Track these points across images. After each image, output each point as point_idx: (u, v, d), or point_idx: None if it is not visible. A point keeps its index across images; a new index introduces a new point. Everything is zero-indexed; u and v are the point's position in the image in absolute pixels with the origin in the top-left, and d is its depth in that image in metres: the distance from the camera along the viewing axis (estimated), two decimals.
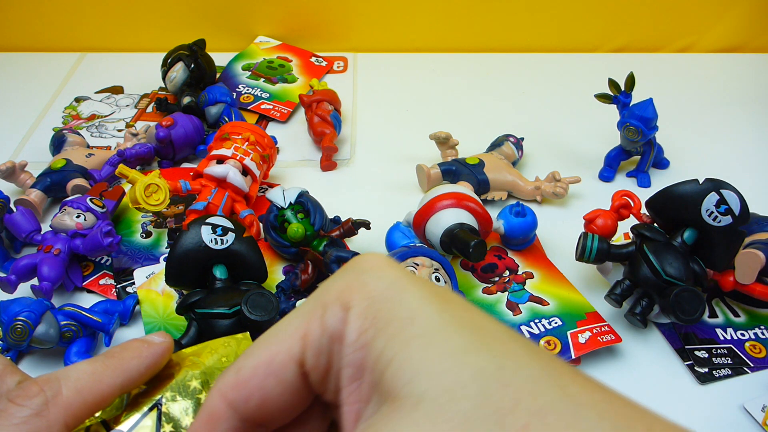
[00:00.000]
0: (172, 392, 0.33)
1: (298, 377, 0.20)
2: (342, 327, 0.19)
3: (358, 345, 0.19)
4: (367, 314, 0.19)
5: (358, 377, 0.19)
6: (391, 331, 0.18)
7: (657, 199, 0.48)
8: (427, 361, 0.17)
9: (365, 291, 0.19)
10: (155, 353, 0.31)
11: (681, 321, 0.45)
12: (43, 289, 0.48)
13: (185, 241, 0.46)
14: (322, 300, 0.20)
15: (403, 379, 0.17)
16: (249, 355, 0.21)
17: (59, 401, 0.27)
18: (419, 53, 0.85)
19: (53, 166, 0.60)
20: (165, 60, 0.71)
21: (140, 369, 0.30)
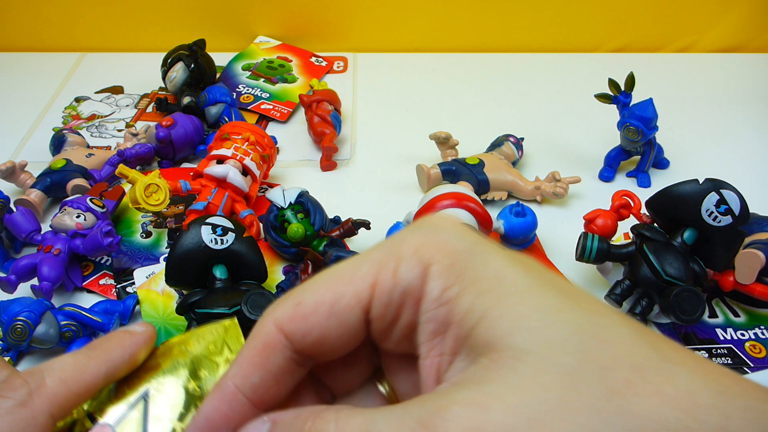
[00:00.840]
0: (158, 382, 0.33)
1: (361, 322, 0.20)
2: (420, 283, 0.19)
3: (443, 301, 0.19)
4: (451, 272, 0.19)
5: (440, 332, 0.19)
6: (480, 288, 0.18)
7: (657, 199, 0.48)
8: (523, 317, 0.17)
9: (447, 249, 0.19)
10: (138, 342, 0.31)
11: (681, 321, 0.45)
12: (43, 289, 0.48)
13: (185, 241, 0.46)
14: (396, 252, 0.20)
15: (501, 333, 0.17)
16: (310, 290, 0.21)
17: (43, 392, 0.27)
18: (419, 53, 0.85)
19: (53, 166, 0.60)
20: (165, 60, 0.71)
21: (124, 358, 0.30)
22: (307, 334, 0.20)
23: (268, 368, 0.20)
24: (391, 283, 0.19)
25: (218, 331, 0.38)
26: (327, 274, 0.21)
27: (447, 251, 0.19)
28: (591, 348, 0.17)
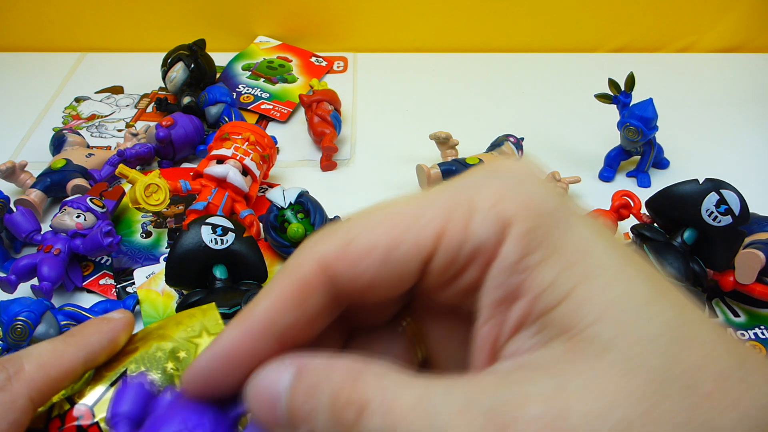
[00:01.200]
0: (137, 364, 0.33)
1: (416, 274, 0.18)
2: (495, 243, 0.17)
3: (519, 268, 0.17)
4: (534, 236, 0.17)
5: (508, 301, 0.17)
6: (565, 262, 0.16)
7: (657, 199, 0.48)
8: (612, 305, 0.16)
9: (531, 208, 0.17)
10: (115, 328, 0.31)
11: None
12: (43, 289, 0.48)
13: (185, 241, 0.46)
14: (469, 201, 0.17)
15: (585, 319, 0.16)
16: (363, 228, 0.18)
17: (22, 376, 0.27)
18: (419, 53, 0.85)
19: (53, 166, 0.60)
20: (165, 60, 0.71)
21: (102, 343, 0.30)
22: (354, 279, 0.18)
23: (304, 310, 0.18)
24: (461, 236, 0.17)
25: (196, 315, 0.38)
26: (383, 211, 0.18)
27: (531, 210, 0.17)
28: (679, 351, 0.15)
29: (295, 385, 0.17)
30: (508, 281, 0.17)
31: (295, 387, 0.17)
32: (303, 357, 0.17)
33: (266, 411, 0.17)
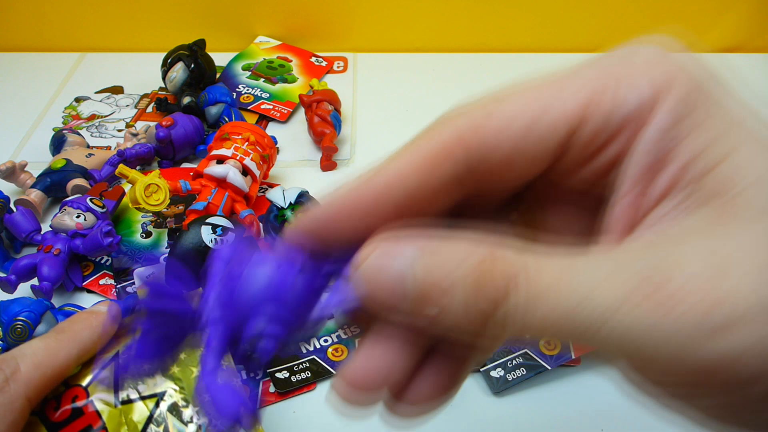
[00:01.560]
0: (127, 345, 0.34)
1: (557, 148, 0.17)
2: (647, 109, 0.16)
3: (671, 134, 0.16)
4: (687, 102, 0.16)
5: (656, 169, 0.16)
6: (719, 129, 0.16)
7: None
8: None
9: (684, 74, 0.16)
10: (104, 322, 0.32)
11: None
12: (43, 289, 0.48)
13: (185, 241, 0.46)
14: (618, 69, 0.17)
15: (740, 184, 0.15)
16: (505, 99, 0.18)
17: (18, 377, 0.28)
18: (419, 53, 0.85)
19: (53, 166, 0.60)
20: (165, 60, 0.71)
21: (92, 338, 0.31)
22: (492, 152, 0.17)
23: (432, 178, 0.17)
24: (611, 104, 0.16)
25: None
26: (524, 86, 0.18)
27: (684, 77, 0.16)
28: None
29: (426, 261, 0.16)
30: (658, 147, 0.16)
31: (426, 264, 0.16)
32: (422, 234, 0.16)
33: (386, 288, 0.16)
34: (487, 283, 0.15)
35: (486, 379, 0.45)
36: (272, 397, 0.45)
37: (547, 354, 0.46)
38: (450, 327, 0.16)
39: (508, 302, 0.15)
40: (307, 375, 0.46)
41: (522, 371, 0.45)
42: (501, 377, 0.45)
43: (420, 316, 0.16)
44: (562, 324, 0.15)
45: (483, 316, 0.15)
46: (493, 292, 0.15)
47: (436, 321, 0.16)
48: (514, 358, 0.46)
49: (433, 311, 0.16)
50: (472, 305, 0.15)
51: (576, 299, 0.15)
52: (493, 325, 0.16)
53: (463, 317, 0.16)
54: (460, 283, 0.15)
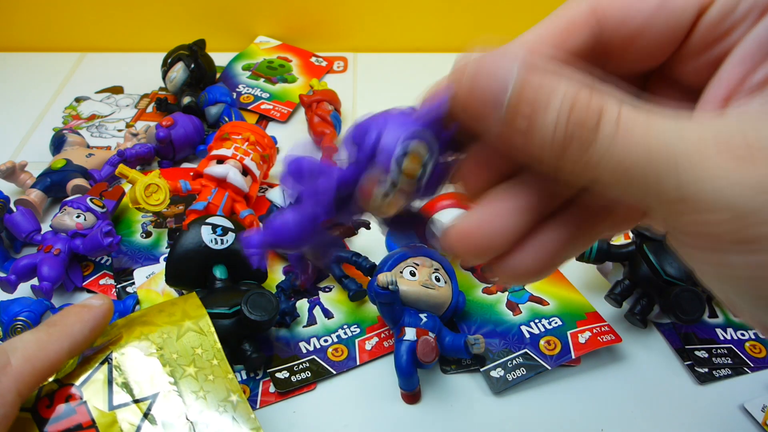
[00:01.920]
0: (121, 348, 0.34)
1: (687, 25, 0.18)
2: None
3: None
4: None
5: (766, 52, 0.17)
6: None
7: None
8: None
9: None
10: (96, 316, 0.31)
11: (681, 321, 0.45)
12: (43, 289, 0.48)
13: (185, 241, 0.46)
14: None
15: None
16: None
17: (9, 371, 0.27)
18: (419, 53, 0.85)
19: (53, 166, 0.60)
20: (165, 60, 0.71)
21: (84, 332, 0.30)
22: (623, 24, 0.18)
23: (564, 47, 0.18)
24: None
25: (177, 302, 0.39)
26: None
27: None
28: None
29: (529, 76, 0.16)
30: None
31: (528, 78, 0.16)
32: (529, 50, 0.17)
33: (486, 90, 0.17)
34: (582, 108, 0.16)
35: (486, 379, 0.45)
36: (272, 397, 0.45)
37: (547, 354, 0.46)
38: (536, 145, 0.17)
39: (598, 129, 0.16)
40: (307, 375, 0.46)
41: (522, 371, 0.45)
42: (501, 377, 0.45)
43: (510, 128, 0.17)
44: (646, 161, 0.15)
45: (569, 138, 0.16)
46: (585, 116, 0.16)
47: (524, 136, 0.17)
48: (514, 358, 0.46)
49: (523, 124, 0.16)
50: (561, 125, 0.16)
51: (667, 139, 0.15)
52: (578, 149, 0.16)
53: (549, 135, 0.16)
54: (555, 102, 0.16)
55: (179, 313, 0.38)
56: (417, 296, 0.44)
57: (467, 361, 0.46)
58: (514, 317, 0.49)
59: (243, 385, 0.45)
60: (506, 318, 0.49)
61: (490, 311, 0.50)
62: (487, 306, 0.50)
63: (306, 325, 0.49)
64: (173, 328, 0.37)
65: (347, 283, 0.50)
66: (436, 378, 0.46)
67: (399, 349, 0.43)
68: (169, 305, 0.39)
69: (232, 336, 0.44)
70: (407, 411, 0.44)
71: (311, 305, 0.51)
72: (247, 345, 0.45)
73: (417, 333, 0.43)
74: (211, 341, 0.37)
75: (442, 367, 0.46)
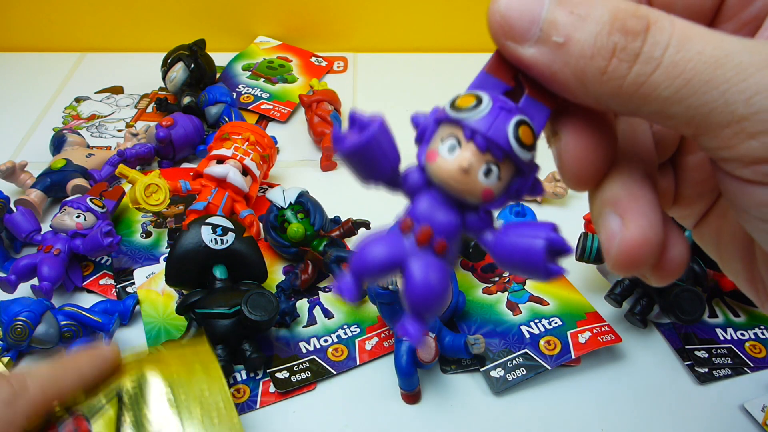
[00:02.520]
0: (132, 384, 0.36)
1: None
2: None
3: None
4: None
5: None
6: None
7: None
8: None
9: None
10: (105, 359, 0.35)
11: (681, 321, 0.45)
12: (43, 289, 0.48)
13: (185, 241, 0.46)
14: None
15: None
16: None
17: (26, 396, 0.30)
18: (419, 53, 0.85)
19: (53, 166, 0.60)
20: (165, 60, 0.71)
21: (93, 374, 0.34)
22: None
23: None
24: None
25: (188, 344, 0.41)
26: None
27: None
28: None
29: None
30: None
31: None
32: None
33: (520, 14, 0.17)
34: (626, 15, 0.15)
35: (486, 379, 0.45)
36: (272, 397, 0.45)
37: (547, 354, 0.46)
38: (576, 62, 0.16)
39: (647, 37, 0.15)
40: (307, 375, 0.46)
41: (522, 371, 0.45)
42: (501, 377, 0.45)
43: (544, 45, 0.16)
44: (711, 69, 0.15)
45: (612, 47, 0.15)
46: (635, 25, 0.15)
47: (564, 53, 0.16)
48: (514, 358, 0.46)
49: (559, 39, 0.16)
50: (603, 33, 0.15)
51: (733, 50, 0.15)
52: (625, 60, 0.15)
53: (590, 47, 0.16)
54: (595, 11, 0.16)
55: (190, 354, 0.40)
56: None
57: (467, 361, 0.46)
58: (514, 317, 0.49)
59: (243, 385, 0.45)
60: (506, 318, 0.49)
61: (490, 311, 0.50)
62: (487, 306, 0.50)
63: (306, 325, 0.49)
64: (183, 369, 0.38)
65: None
66: (436, 378, 0.46)
67: (399, 349, 0.43)
68: (181, 347, 0.41)
69: (232, 336, 0.44)
70: (407, 411, 0.44)
71: (311, 305, 0.51)
72: (247, 345, 0.45)
73: None
74: (219, 385, 0.38)
75: (442, 367, 0.47)
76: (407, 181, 0.21)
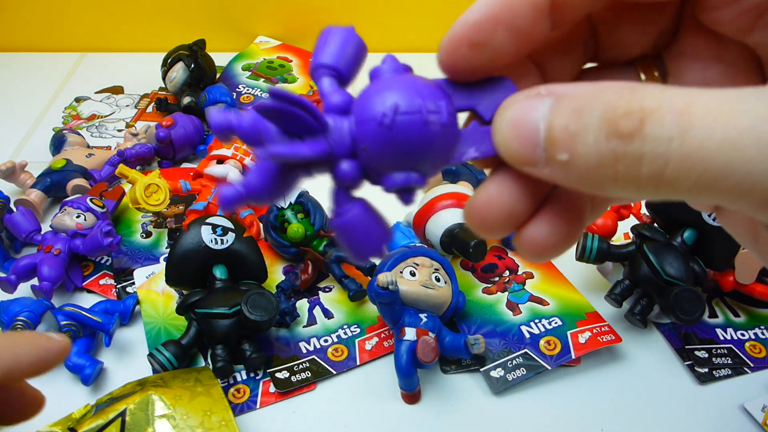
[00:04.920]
0: (136, 404, 0.36)
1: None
2: None
3: None
4: None
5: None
6: None
7: None
8: None
9: None
10: (50, 347, 0.27)
11: (681, 321, 0.45)
12: (43, 289, 0.48)
13: (185, 241, 0.46)
14: None
15: None
16: None
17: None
18: (419, 53, 0.85)
19: (53, 166, 0.60)
20: (165, 60, 0.71)
21: (30, 357, 0.27)
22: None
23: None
24: None
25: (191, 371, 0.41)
26: None
27: None
28: None
29: (556, 109, 0.16)
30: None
31: (556, 111, 0.16)
32: (558, 85, 0.16)
33: (520, 143, 0.16)
34: (621, 119, 0.14)
35: (486, 379, 0.45)
36: (272, 397, 0.45)
37: (547, 354, 0.46)
38: (587, 175, 0.15)
39: (645, 136, 0.14)
40: (307, 375, 0.46)
41: (522, 371, 0.45)
42: (501, 377, 0.45)
43: (553, 165, 0.16)
44: (717, 158, 0.13)
45: (613, 155, 0.14)
46: (629, 124, 0.14)
47: (568, 168, 0.15)
48: (514, 358, 0.46)
49: (563, 157, 0.15)
50: (602, 143, 0.15)
51: (735, 130, 0.13)
52: (630, 164, 0.14)
53: (594, 161, 0.15)
54: (590, 126, 0.15)
55: (192, 380, 0.40)
56: (417, 296, 0.44)
57: (467, 361, 0.46)
58: (514, 317, 0.49)
59: (243, 385, 0.45)
60: (506, 318, 0.49)
61: (490, 311, 0.50)
62: (487, 306, 0.50)
63: (306, 325, 0.49)
64: (186, 392, 0.38)
65: (347, 283, 0.50)
66: (436, 378, 0.46)
67: (399, 349, 0.43)
68: (184, 373, 0.42)
69: (232, 336, 0.44)
70: (407, 411, 0.44)
71: (311, 305, 0.51)
72: (247, 345, 0.45)
73: (417, 333, 0.43)
74: (222, 406, 0.38)
75: (442, 367, 0.46)
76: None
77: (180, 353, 0.44)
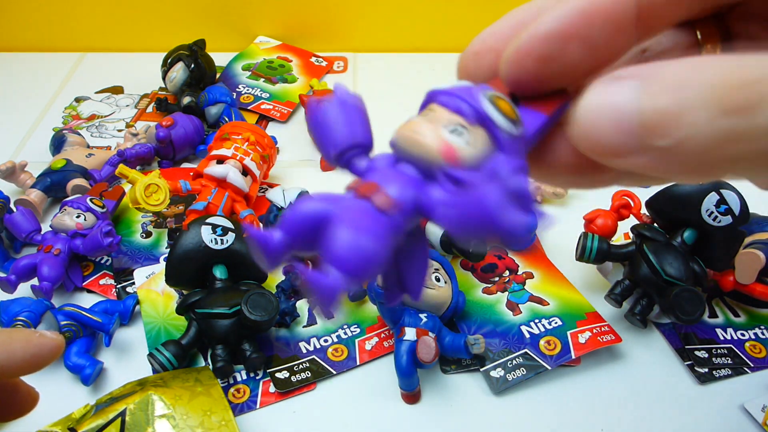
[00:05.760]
0: (135, 404, 0.36)
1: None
2: None
3: None
4: None
5: None
6: None
7: (657, 199, 0.48)
8: None
9: None
10: (44, 344, 0.27)
11: (681, 321, 0.45)
12: (43, 289, 0.48)
13: (185, 241, 0.46)
14: None
15: None
16: None
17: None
18: (419, 53, 0.85)
19: (53, 166, 0.60)
20: (165, 60, 0.71)
21: (23, 353, 0.27)
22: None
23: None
24: None
25: (191, 371, 0.41)
26: None
27: None
28: None
29: (648, 90, 0.14)
30: None
31: (649, 92, 0.14)
32: (636, 66, 0.15)
33: (607, 132, 0.15)
34: (733, 91, 0.13)
35: (486, 379, 0.45)
36: (272, 397, 0.45)
37: (547, 354, 0.46)
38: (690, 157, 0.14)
39: (765, 106, 0.13)
40: (307, 375, 0.46)
41: (522, 371, 0.45)
42: (501, 377, 0.45)
43: (650, 152, 0.14)
44: None
45: (727, 134, 0.13)
46: (742, 97, 0.13)
47: (672, 153, 0.14)
48: (514, 358, 0.46)
49: (665, 142, 0.14)
50: (718, 120, 0.13)
51: None
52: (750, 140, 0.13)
53: (709, 139, 0.13)
54: (699, 100, 0.13)
55: (192, 380, 0.40)
56: None
57: (467, 361, 0.46)
58: (514, 317, 0.49)
59: (243, 385, 0.45)
60: (506, 318, 0.49)
61: (490, 311, 0.50)
62: (487, 306, 0.50)
63: (306, 325, 0.49)
64: (186, 392, 0.38)
65: None
66: (436, 378, 0.46)
67: (399, 349, 0.43)
68: (184, 373, 0.42)
69: (232, 336, 0.44)
70: (407, 411, 0.44)
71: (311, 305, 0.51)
72: (247, 345, 0.45)
73: (417, 333, 0.43)
74: (222, 406, 0.38)
75: (442, 367, 0.46)
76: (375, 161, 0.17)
77: (180, 353, 0.44)
